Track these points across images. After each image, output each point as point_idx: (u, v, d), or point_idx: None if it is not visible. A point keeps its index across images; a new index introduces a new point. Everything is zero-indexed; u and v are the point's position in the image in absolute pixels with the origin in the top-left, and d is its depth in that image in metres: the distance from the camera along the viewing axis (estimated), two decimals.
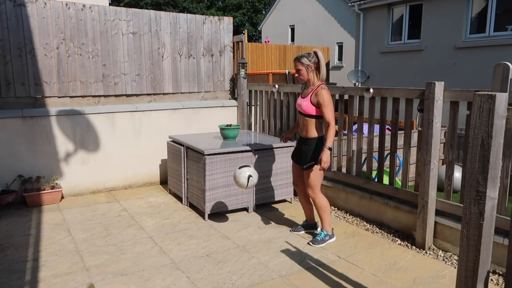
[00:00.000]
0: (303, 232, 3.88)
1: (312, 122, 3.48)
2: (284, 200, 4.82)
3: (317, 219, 3.91)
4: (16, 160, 4.64)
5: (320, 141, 3.49)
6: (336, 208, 4.56)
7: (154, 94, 5.49)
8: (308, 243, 3.63)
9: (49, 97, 4.83)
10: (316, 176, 3.52)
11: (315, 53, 3.44)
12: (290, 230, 3.92)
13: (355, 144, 4.35)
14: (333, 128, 3.38)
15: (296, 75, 3.53)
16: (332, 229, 3.72)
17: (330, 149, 3.38)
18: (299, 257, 3.38)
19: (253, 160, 4.36)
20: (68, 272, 3.12)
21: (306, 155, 3.52)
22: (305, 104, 3.47)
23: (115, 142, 5.19)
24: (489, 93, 1.73)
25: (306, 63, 3.43)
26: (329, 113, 3.40)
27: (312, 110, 3.45)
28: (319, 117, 3.47)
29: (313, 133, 3.50)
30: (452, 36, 9.31)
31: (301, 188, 3.77)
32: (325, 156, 3.36)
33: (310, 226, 3.90)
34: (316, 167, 3.47)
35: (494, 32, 8.71)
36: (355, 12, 11.77)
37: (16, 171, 4.65)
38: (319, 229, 3.80)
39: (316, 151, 3.48)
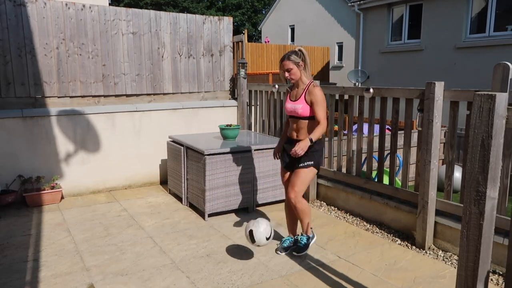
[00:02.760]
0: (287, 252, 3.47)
1: (308, 124, 3.20)
2: (284, 200, 4.81)
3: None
4: (16, 160, 4.64)
5: (316, 142, 3.18)
6: (336, 208, 4.56)
7: (154, 94, 5.48)
8: (293, 253, 3.36)
9: (49, 97, 4.83)
10: (306, 178, 3.23)
11: (301, 50, 3.19)
12: (276, 251, 3.47)
13: (355, 144, 4.35)
14: (323, 127, 3.10)
15: (287, 75, 3.19)
16: (311, 228, 3.44)
17: (311, 140, 3.06)
18: (299, 257, 3.38)
19: (253, 160, 4.36)
20: (68, 272, 3.12)
21: (307, 157, 3.19)
22: (301, 107, 3.17)
23: (115, 142, 5.19)
24: (489, 93, 1.73)
25: (296, 60, 3.14)
26: (321, 112, 3.12)
27: (308, 112, 3.17)
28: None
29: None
30: (452, 36, 9.31)
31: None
32: (304, 144, 3.03)
33: (296, 241, 3.49)
34: (311, 170, 3.23)
35: (494, 32, 8.71)
36: (355, 12, 11.77)
37: (16, 171, 4.65)
38: (299, 235, 3.50)
39: (312, 152, 3.19)
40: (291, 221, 3.53)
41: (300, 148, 3.03)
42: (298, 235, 3.54)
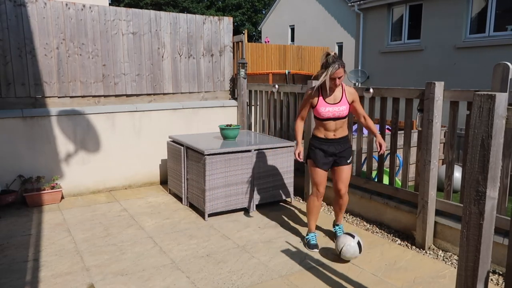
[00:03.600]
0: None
1: (346, 121, 3.48)
2: (284, 200, 4.82)
3: None
4: (16, 160, 4.64)
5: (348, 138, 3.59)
6: None
7: (154, 94, 5.49)
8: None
9: (49, 97, 4.84)
10: (350, 173, 3.61)
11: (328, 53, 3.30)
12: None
13: (355, 144, 4.35)
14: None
15: (338, 82, 3.26)
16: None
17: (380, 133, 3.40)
18: (299, 257, 3.38)
19: (253, 160, 4.36)
20: (68, 272, 3.12)
21: (349, 152, 3.51)
22: (345, 108, 3.34)
23: (115, 142, 5.19)
24: (489, 93, 1.73)
25: (344, 66, 3.27)
26: (362, 108, 3.55)
27: (348, 111, 3.42)
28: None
29: (347, 131, 3.53)
30: (452, 36, 9.31)
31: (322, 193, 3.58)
32: (381, 138, 3.45)
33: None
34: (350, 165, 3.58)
35: (494, 32, 8.71)
36: (355, 12, 11.76)
37: (16, 171, 4.65)
38: (342, 226, 3.81)
39: (350, 149, 3.58)
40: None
41: (383, 142, 3.43)
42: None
